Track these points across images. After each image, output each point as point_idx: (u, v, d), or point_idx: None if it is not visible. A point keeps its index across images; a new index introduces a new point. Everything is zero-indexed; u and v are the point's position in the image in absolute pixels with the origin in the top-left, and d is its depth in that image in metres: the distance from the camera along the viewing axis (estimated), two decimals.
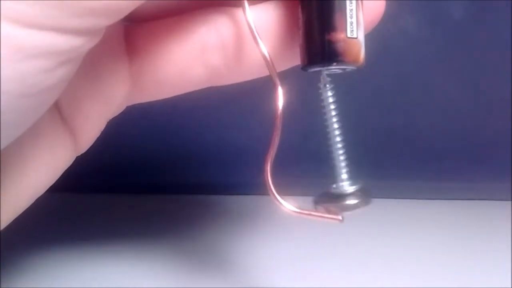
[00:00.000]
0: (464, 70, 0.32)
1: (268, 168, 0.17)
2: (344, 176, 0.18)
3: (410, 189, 0.34)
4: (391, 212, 0.32)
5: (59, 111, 0.18)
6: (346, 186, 0.18)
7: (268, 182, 0.17)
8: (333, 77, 0.18)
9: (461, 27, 0.31)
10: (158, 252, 0.27)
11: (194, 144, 0.33)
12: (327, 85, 0.18)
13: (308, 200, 0.18)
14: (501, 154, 0.33)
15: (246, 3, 0.17)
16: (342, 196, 0.18)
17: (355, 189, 0.18)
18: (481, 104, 0.33)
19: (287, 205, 0.17)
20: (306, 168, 0.33)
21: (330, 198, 0.18)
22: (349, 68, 0.18)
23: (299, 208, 0.17)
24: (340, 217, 0.17)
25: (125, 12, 0.15)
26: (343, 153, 0.18)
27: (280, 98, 0.17)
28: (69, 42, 0.14)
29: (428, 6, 0.31)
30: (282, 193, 0.18)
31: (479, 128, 0.33)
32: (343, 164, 0.18)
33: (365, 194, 0.18)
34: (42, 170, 0.18)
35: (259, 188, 0.18)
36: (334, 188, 0.18)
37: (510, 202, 0.32)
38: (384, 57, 0.32)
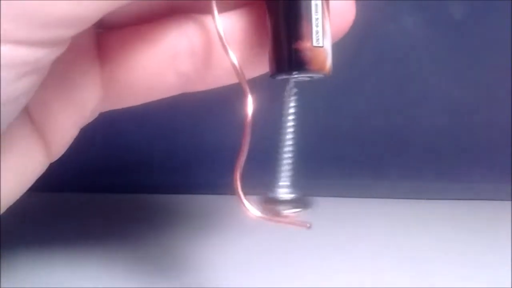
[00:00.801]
0: (464, 70, 0.32)
1: (238, 176, 0.17)
2: (285, 183, 0.18)
3: (410, 189, 0.34)
4: (391, 212, 0.32)
5: (30, 119, 0.18)
6: (283, 193, 0.18)
7: (238, 190, 0.17)
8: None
9: (461, 27, 0.31)
10: (157, 252, 0.27)
11: (192, 144, 0.33)
12: (292, 94, 0.18)
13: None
14: (501, 154, 0.33)
15: (215, 11, 0.17)
16: (278, 202, 0.18)
17: (291, 198, 0.18)
18: (481, 104, 0.33)
19: (254, 211, 0.17)
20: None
21: (267, 201, 0.18)
22: (316, 76, 0.18)
23: (267, 214, 0.17)
24: (308, 225, 0.17)
25: (89, 23, 0.15)
26: (291, 161, 0.18)
27: (250, 106, 0.17)
28: (32, 53, 0.14)
29: (428, 6, 0.31)
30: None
31: (479, 128, 0.33)
32: (287, 171, 0.18)
33: (302, 204, 0.18)
34: (13, 178, 0.18)
35: (259, 188, 0.18)
36: (272, 192, 0.18)
37: (510, 202, 0.32)
38: (384, 57, 0.32)
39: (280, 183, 0.18)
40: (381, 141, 0.33)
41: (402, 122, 0.33)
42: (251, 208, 0.17)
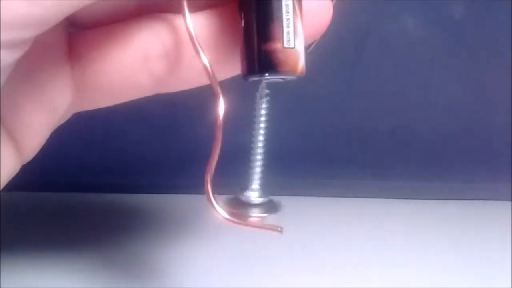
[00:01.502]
0: (464, 70, 0.32)
1: (209, 179, 0.17)
2: (256, 186, 0.18)
3: (410, 189, 0.34)
4: (391, 212, 0.32)
5: (0, 121, 0.18)
6: (254, 196, 0.18)
7: (208, 194, 0.17)
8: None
9: (461, 27, 0.31)
10: (157, 252, 0.27)
11: (191, 144, 0.33)
12: (263, 96, 0.18)
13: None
14: (501, 154, 0.33)
15: (186, 11, 0.17)
16: (250, 205, 0.18)
17: (262, 201, 0.18)
18: (481, 104, 0.33)
19: (225, 214, 0.17)
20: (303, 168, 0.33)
21: (238, 204, 0.18)
22: (288, 77, 0.17)
23: (238, 218, 0.17)
24: (279, 229, 0.17)
25: (49, 24, 0.15)
26: (261, 164, 0.18)
27: (221, 108, 0.17)
28: None
29: (428, 6, 0.31)
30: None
31: (479, 128, 0.33)
32: (258, 174, 0.18)
33: (272, 208, 0.18)
34: None
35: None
36: (243, 195, 0.18)
37: (510, 202, 0.32)
38: (384, 57, 0.32)
39: (251, 186, 0.18)
40: (381, 141, 0.33)
41: (402, 122, 0.33)
42: (221, 212, 0.17)
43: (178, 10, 0.17)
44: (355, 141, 0.34)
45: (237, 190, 0.18)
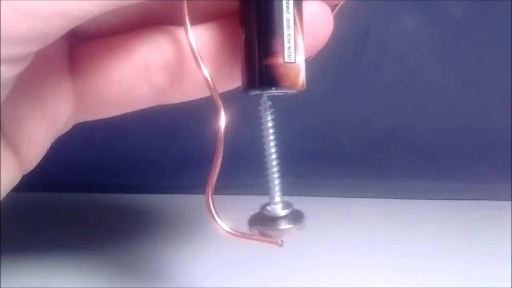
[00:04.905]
0: (464, 70, 0.32)
1: (210, 193, 0.17)
2: (278, 199, 0.18)
3: (410, 189, 0.34)
4: (391, 212, 0.32)
5: (1, 132, 0.18)
6: (278, 209, 0.18)
7: (210, 207, 0.17)
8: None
9: (461, 27, 0.31)
10: (157, 252, 0.27)
11: (192, 144, 0.33)
12: (267, 108, 0.18)
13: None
14: (501, 154, 0.33)
15: (188, 24, 0.17)
16: (274, 219, 0.18)
17: (286, 213, 0.18)
18: (481, 104, 0.33)
19: (226, 227, 0.17)
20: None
21: (263, 220, 0.18)
22: (289, 91, 0.17)
23: (237, 231, 0.17)
24: (278, 241, 0.17)
25: (51, 39, 0.15)
26: (278, 176, 0.18)
27: (222, 120, 0.17)
28: None
29: (428, 6, 0.31)
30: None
31: (479, 128, 0.33)
32: (277, 187, 0.18)
33: (298, 219, 0.18)
34: None
35: (258, 189, 0.18)
36: (267, 210, 0.18)
37: (510, 202, 0.32)
38: (384, 57, 0.32)
39: (273, 200, 0.18)
40: (381, 141, 0.34)
41: (402, 122, 0.33)
42: (223, 225, 0.17)
43: (180, 23, 0.17)
44: (355, 141, 0.34)
45: (261, 205, 0.18)
